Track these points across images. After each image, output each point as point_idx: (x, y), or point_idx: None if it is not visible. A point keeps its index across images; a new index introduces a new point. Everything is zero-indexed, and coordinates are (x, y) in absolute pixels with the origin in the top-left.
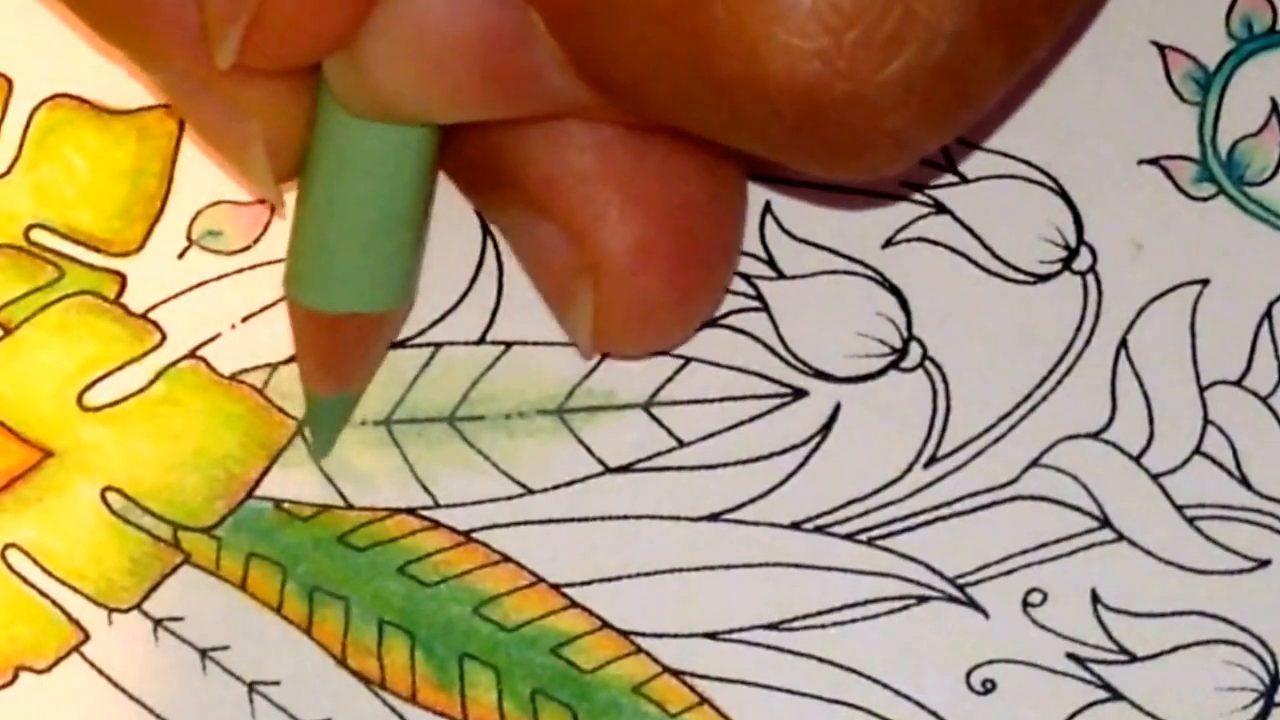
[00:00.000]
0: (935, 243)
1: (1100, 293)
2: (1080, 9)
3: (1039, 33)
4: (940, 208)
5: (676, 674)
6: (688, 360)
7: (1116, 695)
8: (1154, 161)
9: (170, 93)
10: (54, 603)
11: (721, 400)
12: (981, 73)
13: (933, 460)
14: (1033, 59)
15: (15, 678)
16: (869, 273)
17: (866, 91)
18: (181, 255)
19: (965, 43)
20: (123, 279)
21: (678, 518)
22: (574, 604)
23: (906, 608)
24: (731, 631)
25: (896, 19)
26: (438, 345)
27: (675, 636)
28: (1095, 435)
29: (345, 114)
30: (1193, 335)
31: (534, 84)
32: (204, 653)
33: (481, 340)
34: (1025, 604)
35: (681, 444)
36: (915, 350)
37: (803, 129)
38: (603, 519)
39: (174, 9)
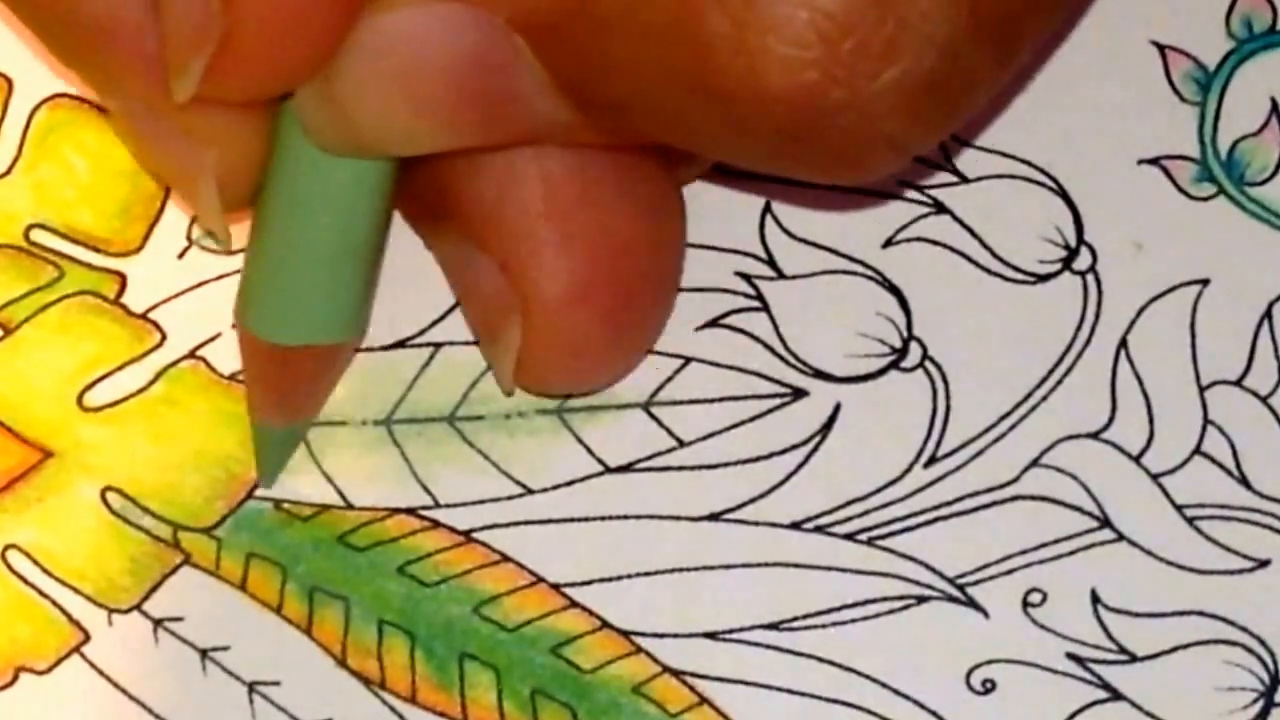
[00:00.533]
0: (935, 243)
1: (1100, 292)
2: (1066, 12)
3: (1026, 36)
4: (940, 208)
5: (676, 674)
6: (688, 360)
7: (1116, 695)
8: (1154, 161)
9: (122, 119)
10: (54, 603)
11: (721, 400)
12: (972, 77)
13: (933, 460)
14: (1020, 61)
15: (15, 678)
16: (869, 272)
17: (863, 99)
18: (181, 255)
19: (956, 49)
20: (123, 279)
21: (678, 517)
22: (574, 604)
23: (906, 607)
24: (731, 631)
25: (891, 28)
26: (437, 345)
27: (675, 636)
28: (1095, 435)
29: (304, 145)
30: (1193, 335)
31: (517, 109)
32: (204, 653)
33: (477, 341)
34: (1025, 604)
35: (681, 444)
36: (915, 350)
37: (801, 137)
38: (603, 519)
39: (132, 36)
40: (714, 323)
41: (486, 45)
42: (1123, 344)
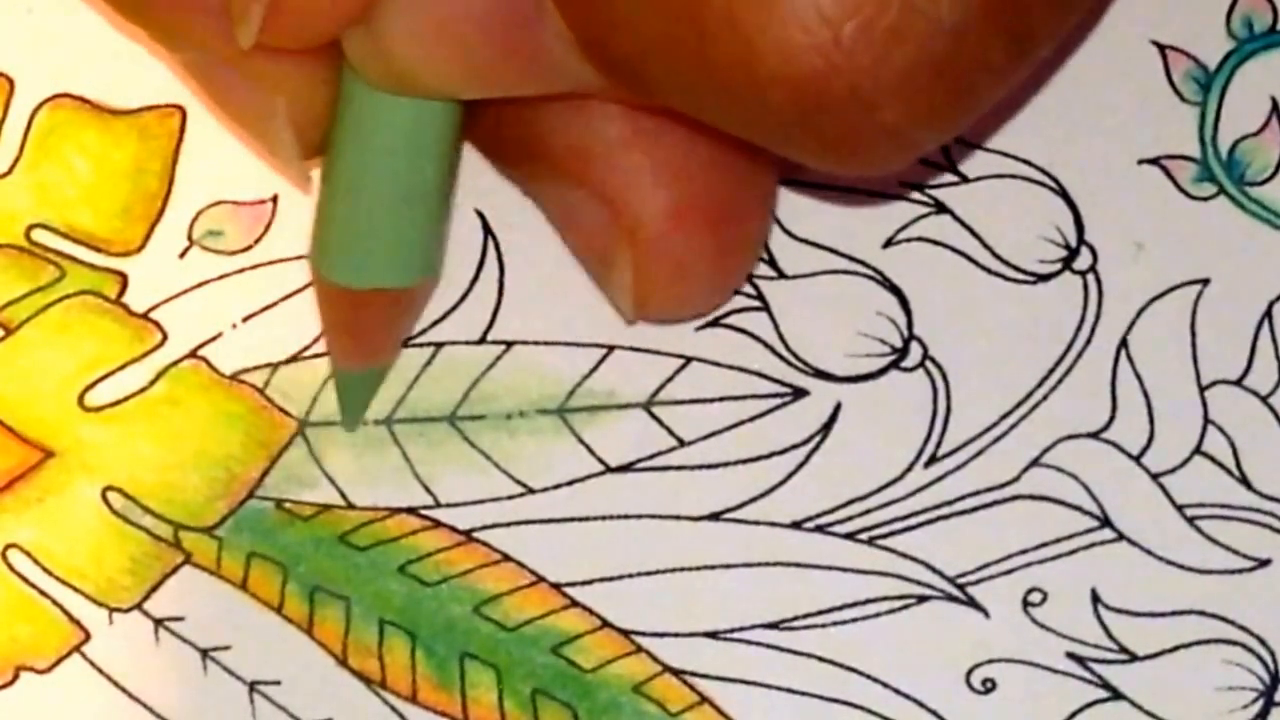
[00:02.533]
0: (936, 242)
1: (1101, 292)
2: (1085, 9)
3: (1042, 31)
4: (941, 207)
5: (677, 673)
6: (688, 360)
7: (1117, 695)
8: (1154, 161)
9: (194, 71)
10: (55, 603)
11: (722, 400)
12: (982, 70)
13: (933, 460)
14: (1035, 58)
15: (16, 677)
16: (870, 272)
17: (863, 87)
18: (182, 255)
19: (966, 39)
20: (124, 279)
21: (678, 517)
22: (574, 603)
23: (907, 607)
24: (732, 631)
25: (896, 12)
26: (439, 345)
27: (676, 636)
28: (1095, 435)
29: (368, 90)
30: (1193, 335)
31: (544, 61)
32: (205, 653)
33: (482, 340)
34: (1025, 603)
35: (682, 443)
36: (916, 350)
37: (798, 122)
38: (603, 518)
39: None
40: (715, 322)
41: None
42: (1123, 344)
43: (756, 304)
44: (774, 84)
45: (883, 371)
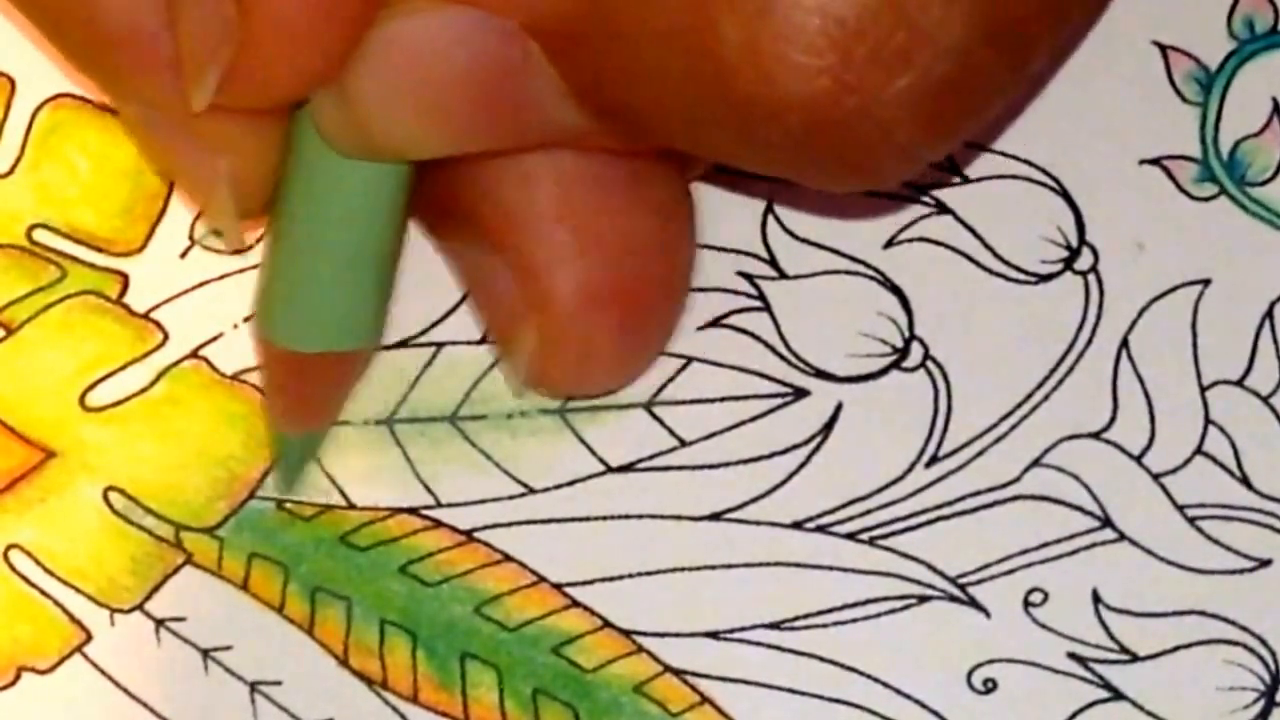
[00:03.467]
0: (937, 243)
1: (1102, 293)
2: (1079, 20)
3: (1039, 43)
4: (942, 208)
5: (678, 673)
6: (690, 360)
7: (1118, 695)
8: (1155, 162)
9: (137, 126)
10: (56, 603)
11: (723, 400)
12: (985, 84)
13: (934, 460)
14: (1033, 69)
15: (17, 678)
16: (871, 272)
17: (874, 106)
18: (184, 255)
19: (969, 56)
20: (125, 279)
21: (679, 517)
22: (575, 603)
23: (908, 607)
24: (733, 631)
25: (903, 35)
26: (439, 345)
27: (677, 636)
28: (1096, 435)
29: (320, 151)
30: (1194, 335)
31: (531, 115)
32: (206, 653)
33: (483, 340)
34: (1026, 603)
35: (683, 443)
36: (917, 350)
37: (813, 145)
38: (604, 519)
39: (148, 44)
40: (716, 322)
41: (500, 51)
42: (1124, 344)
43: (757, 304)
44: (790, 109)
45: (884, 371)
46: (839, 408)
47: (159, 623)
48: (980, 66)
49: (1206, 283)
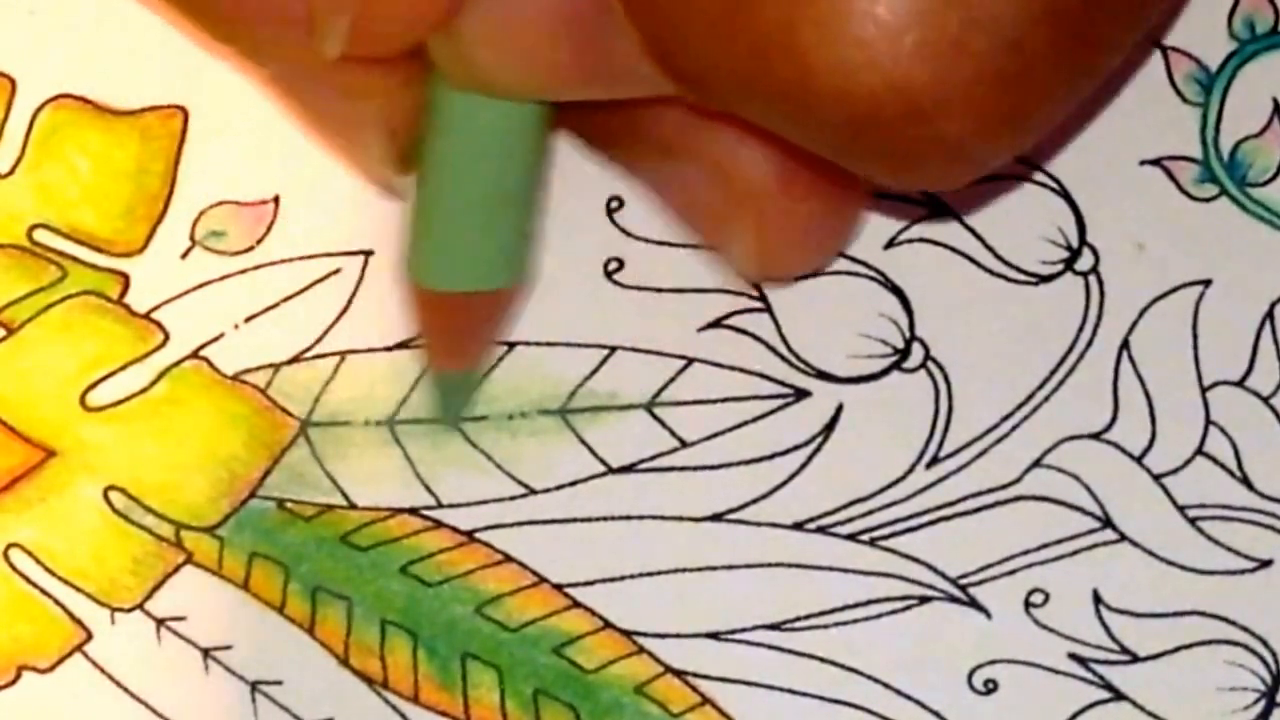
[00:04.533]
0: (937, 244)
1: (1102, 293)
2: (1155, 18)
3: (1109, 43)
4: (943, 209)
5: (679, 674)
6: (690, 361)
7: (1118, 695)
8: (1156, 162)
9: (280, 85)
10: (57, 602)
11: (724, 401)
12: (1046, 85)
13: (935, 460)
14: (1103, 72)
15: (18, 677)
16: (871, 273)
17: (922, 103)
18: (185, 255)
19: (1028, 53)
20: (126, 279)
21: (680, 518)
22: (576, 604)
23: (909, 608)
24: (734, 631)
25: (957, 25)
26: None
27: (677, 636)
28: (1097, 436)
29: (456, 94)
30: (1194, 336)
31: (616, 65)
32: (206, 652)
33: None
34: (1027, 604)
35: (684, 444)
36: (918, 351)
37: (855, 138)
38: (605, 519)
39: (280, 3)
40: (717, 323)
41: (586, 3)
42: (1125, 345)
43: (758, 305)
44: (830, 101)
45: (885, 372)
46: (840, 408)
47: (159, 622)
48: (1041, 64)
49: (1207, 283)
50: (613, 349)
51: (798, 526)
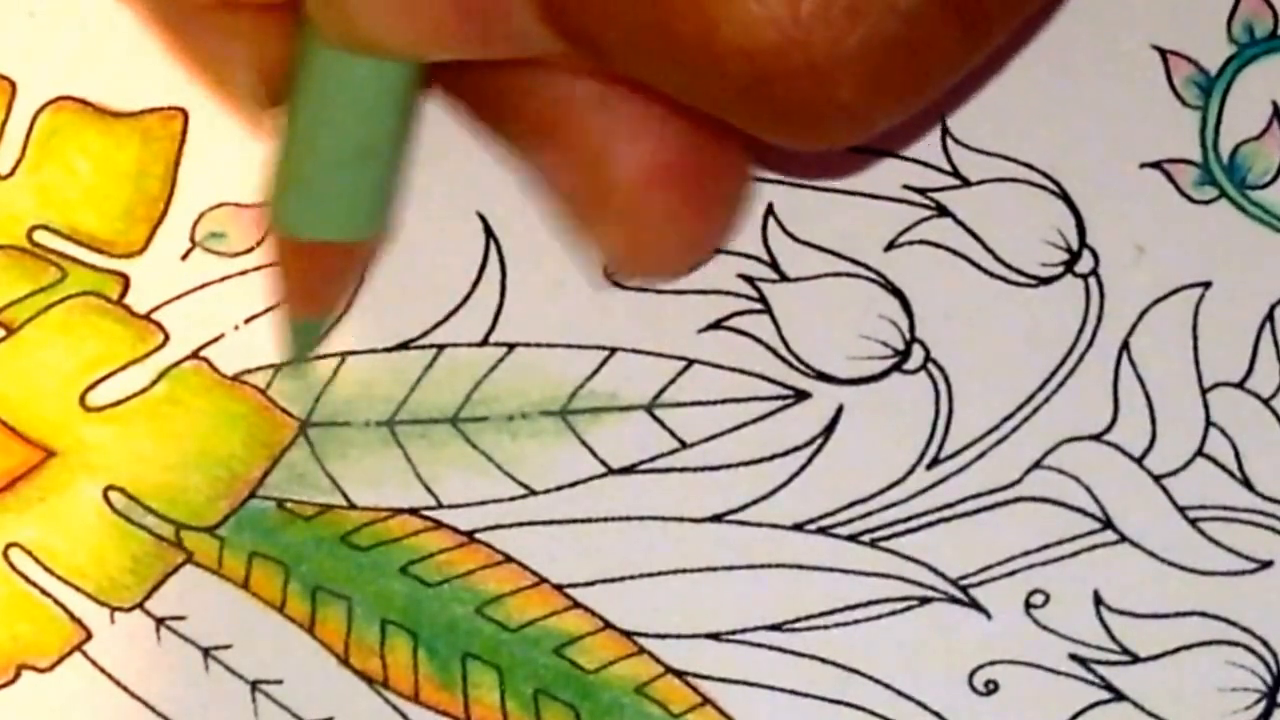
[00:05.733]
0: (938, 245)
1: (1102, 295)
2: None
3: (997, 18)
4: (943, 210)
5: (679, 674)
6: (691, 362)
7: (1119, 696)
8: (1156, 165)
9: (157, 15)
10: (56, 602)
11: (724, 402)
12: (936, 52)
13: (935, 462)
14: (990, 43)
15: (17, 676)
16: (872, 275)
17: (819, 62)
18: (185, 257)
19: (921, 20)
20: (126, 280)
21: (680, 519)
22: (577, 604)
23: (909, 609)
24: (734, 632)
25: None
26: (441, 347)
27: (678, 637)
28: (1097, 437)
29: (325, 46)
30: (1194, 338)
31: (505, 26)
32: (206, 652)
33: (485, 342)
34: (1028, 605)
35: (684, 445)
36: (918, 352)
37: (754, 94)
38: (605, 520)
39: None
40: (717, 325)
41: None
42: (1125, 346)
43: (758, 306)
44: (731, 56)
45: (885, 374)
46: (840, 410)
47: (159, 621)
48: (933, 31)
49: (1207, 285)
50: (613, 350)
51: (798, 527)
